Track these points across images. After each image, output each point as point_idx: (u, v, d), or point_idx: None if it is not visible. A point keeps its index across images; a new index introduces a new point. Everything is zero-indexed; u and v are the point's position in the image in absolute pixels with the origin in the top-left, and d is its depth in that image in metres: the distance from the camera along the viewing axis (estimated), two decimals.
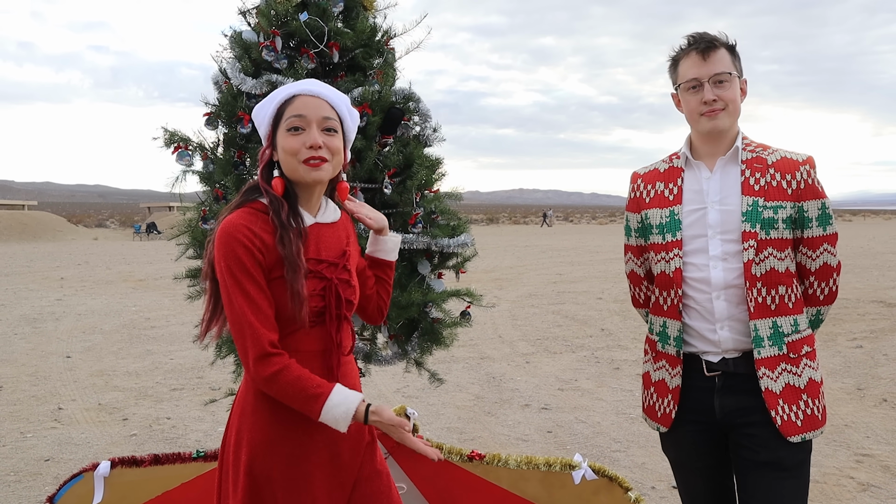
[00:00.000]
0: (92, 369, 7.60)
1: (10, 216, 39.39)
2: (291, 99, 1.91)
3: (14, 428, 5.56)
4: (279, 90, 1.95)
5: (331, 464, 1.93)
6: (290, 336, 1.87)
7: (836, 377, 7.05)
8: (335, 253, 1.97)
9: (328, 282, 1.89)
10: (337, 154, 1.93)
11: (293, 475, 1.88)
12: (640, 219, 2.44)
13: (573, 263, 21.18)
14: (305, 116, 1.88)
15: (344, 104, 1.98)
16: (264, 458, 1.87)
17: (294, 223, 1.86)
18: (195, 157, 3.05)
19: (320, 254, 1.93)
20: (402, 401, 6.15)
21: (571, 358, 8.10)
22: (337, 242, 1.99)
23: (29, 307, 12.31)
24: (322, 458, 1.92)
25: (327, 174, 1.91)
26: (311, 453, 1.90)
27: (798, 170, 2.22)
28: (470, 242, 3.12)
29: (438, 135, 3.17)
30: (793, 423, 2.18)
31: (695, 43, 2.25)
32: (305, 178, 1.88)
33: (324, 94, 1.94)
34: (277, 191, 1.89)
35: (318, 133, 1.88)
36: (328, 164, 1.90)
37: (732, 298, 2.22)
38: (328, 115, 1.91)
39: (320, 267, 1.90)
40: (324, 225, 1.98)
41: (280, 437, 1.87)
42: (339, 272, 1.94)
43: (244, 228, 1.81)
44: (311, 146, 1.86)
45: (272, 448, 1.87)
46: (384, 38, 3.10)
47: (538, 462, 2.99)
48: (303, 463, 1.89)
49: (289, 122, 1.89)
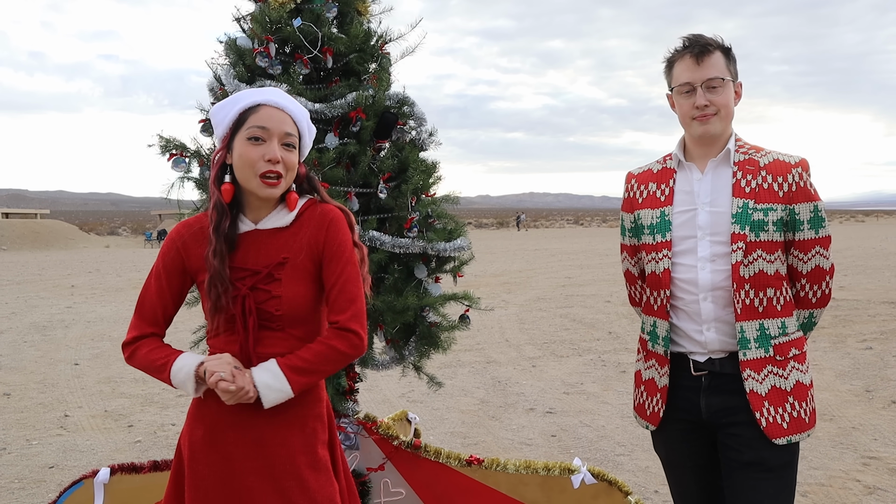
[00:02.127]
0: (99, 376, 7.63)
1: (23, 224, 39.72)
2: (256, 107, 1.91)
3: (20, 435, 5.59)
4: (243, 94, 1.95)
5: (255, 447, 1.91)
6: (215, 338, 1.95)
7: (845, 379, 6.99)
8: (266, 261, 1.92)
9: (238, 291, 1.89)
10: (292, 170, 1.93)
11: (211, 459, 1.92)
12: (634, 219, 2.44)
13: (582, 267, 21.14)
14: (268, 129, 1.88)
15: (305, 119, 1.99)
16: (184, 438, 1.98)
17: (226, 236, 1.90)
18: (192, 164, 3.05)
19: (246, 262, 1.92)
20: (406, 405, 6.14)
21: (578, 361, 8.08)
22: (274, 250, 1.93)
23: (39, 315, 12.39)
24: (242, 442, 1.91)
25: (280, 191, 1.91)
26: (227, 441, 1.91)
27: (790, 172, 2.20)
28: (466, 246, 3.10)
29: (434, 139, 3.16)
30: (778, 426, 2.17)
31: (689, 46, 2.24)
32: (259, 193, 1.90)
33: (288, 108, 1.93)
34: (226, 197, 1.91)
35: (279, 147, 1.88)
36: (283, 180, 1.90)
37: (719, 300, 2.22)
38: (290, 131, 1.91)
39: (241, 276, 1.91)
40: (265, 231, 1.95)
41: (196, 421, 1.95)
42: (261, 281, 1.90)
43: (180, 228, 2.00)
44: (270, 160, 1.86)
45: (191, 429, 1.96)
46: (379, 43, 3.10)
47: (537, 466, 2.98)
48: (218, 447, 1.91)
49: (250, 130, 1.88)
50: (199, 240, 1.95)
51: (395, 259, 3.03)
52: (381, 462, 3.01)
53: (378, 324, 3.02)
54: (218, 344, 1.94)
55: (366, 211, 3.01)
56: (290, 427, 1.94)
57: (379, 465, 3.00)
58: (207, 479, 1.91)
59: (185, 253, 1.97)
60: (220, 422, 1.92)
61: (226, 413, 1.90)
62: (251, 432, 1.91)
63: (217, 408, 1.90)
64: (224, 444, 1.91)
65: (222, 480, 1.91)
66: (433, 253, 3.00)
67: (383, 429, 3.02)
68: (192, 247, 1.96)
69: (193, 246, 1.96)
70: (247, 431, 1.91)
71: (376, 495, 3.01)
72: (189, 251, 1.96)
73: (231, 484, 1.91)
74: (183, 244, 1.97)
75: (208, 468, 1.92)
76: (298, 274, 1.93)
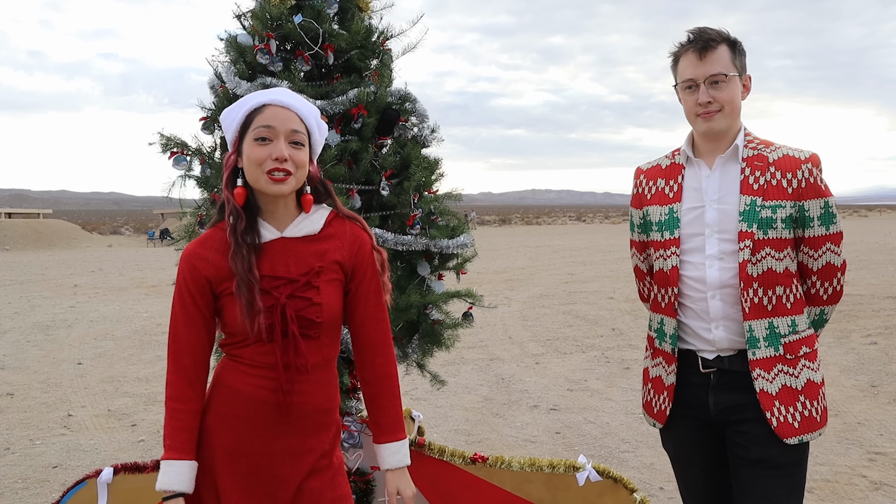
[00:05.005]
0: (102, 375, 7.63)
1: (26, 224, 39.76)
2: (261, 108, 1.89)
3: (24, 435, 5.59)
4: (249, 96, 1.93)
5: (274, 468, 1.91)
6: (245, 347, 1.90)
7: (850, 374, 6.97)
8: (301, 269, 1.91)
9: (276, 300, 1.86)
10: (302, 167, 1.90)
11: (235, 469, 1.90)
12: (642, 215, 2.41)
13: (585, 263, 21.11)
14: (274, 128, 1.86)
15: (313, 117, 1.96)
16: (203, 446, 1.92)
17: (248, 240, 1.86)
18: (193, 162, 3.04)
19: (276, 271, 1.90)
20: (410, 403, 6.13)
21: (581, 358, 8.06)
22: (308, 258, 1.93)
23: (42, 314, 12.40)
24: (269, 451, 1.91)
25: (290, 188, 1.88)
26: (255, 451, 1.90)
27: (800, 168, 2.16)
28: (469, 243, 3.09)
29: (437, 135, 3.14)
30: (790, 425, 2.14)
31: (693, 41, 2.21)
32: (267, 190, 1.87)
33: (294, 106, 1.91)
34: (239, 201, 1.89)
35: (285, 146, 1.86)
36: (292, 177, 1.87)
37: (727, 298, 2.19)
38: (296, 129, 1.89)
39: (274, 284, 1.88)
40: (292, 240, 1.94)
41: (221, 428, 1.91)
42: (299, 289, 1.89)
43: (194, 247, 1.92)
44: (277, 158, 1.84)
45: (211, 436, 1.91)
46: (380, 40, 3.08)
47: (542, 464, 2.97)
48: (243, 458, 1.90)
49: (256, 131, 1.87)
50: (219, 250, 1.90)
51: (397, 256, 3.02)
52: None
53: None
54: (248, 354, 1.89)
55: (368, 208, 3.00)
56: (318, 433, 1.96)
57: None
58: (231, 490, 1.89)
59: (205, 265, 1.89)
60: (248, 430, 1.90)
61: (253, 421, 1.89)
62: (279, 441, 1.91)
63: (244, 415, 1.89)
64: (251, 453, 1.90)
65: (248, 488, 1.90)
66: (436, 250, 2.99)
67: None
68: (212, 258, 1.90)
69: (215, 257, 1.89)
70: (274, 440, 1.91)
71: (380, 493, 3.00)
72: (209, 263, 1.90)
73: (256, 491, 1.91)
74: (200, 259, 1.90)
75: (233, 478, 1.90)
76: (333, 282, 1.95)
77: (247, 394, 1.89)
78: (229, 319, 1.89)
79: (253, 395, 1.88)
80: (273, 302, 1.86)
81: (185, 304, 1.90)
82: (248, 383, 1.89)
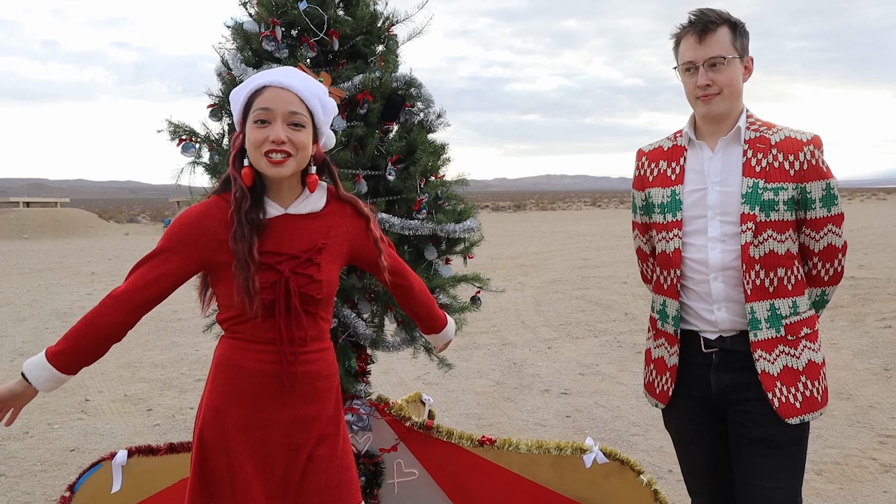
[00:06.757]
0: (119, 361, 7.73)
1: (44, 213, 40.09)
2: (262, 89, 1.91)
3: (42, 419, 5.69)
4: (253, 77, 1.95)
5: (286, 436, 1.96)
6: (245, 323, 1.93)
7: (864, 357, 6.94)
8: (303, 246, 1.95)
9: (280, 275, 1.89)
10: (303, 149, 1.91)
11: (250, 443, 1.94)
12: (644, 197, 2.42)
13: (599, 248, 21.05)
14: (272, 110, 1.87)
15: (315, 97, 1.95)
16: (213, 425, 1.95)
17: (252, 219, 1.88)
18: (203, 149, 3.07)
19: (281, 247, 1.93)
20: (421, 388, 6.18)
21: (594, 343, 8.07)
22: (311, 235, 1.97)
23: (60, 302, 12.54)
24: (279, 421, 1.95)
25: (289, 170, 1.90)
26: (266, 423, 1.94)
27: (802, 150, 2.17)
28: (476, 227, 3.10)
29: (443, 120, 3.15)
30: (791, 405, 2.16)
31: (693, 23, 2.21)
32: (266, 172, 1.89)
33: (293, 87, 1.91)
34: (246, 181, 1.91)
35: (283, 128, 1.87)
36: (292, 159, 1.89)
37: (730, 280, 2.20)
38: (295, 110, 1.89)
39: (277, 260, 1.91)
40: (296, 216, 1.97)
41: (230, 406, 1.94)
42: (301, 265, 1.93)
43: (197, 212, 1.93)
44: (274, 141, 1.85)
45: (221, 415, 1.94)
46: (385, 25, 3.09)
47: (549, 446, 2.99)
48: (256, 432, 1.94)
49: (256, 113, 1.89)
50: (223, 221, 1.91)
51: (404, 241, 3.04)
52: (394, 443, 3.03)
53: (388, 305, 3.03)
54: (248, 329, 1.93)
55: (374, 193, 3.02)
56: (321, 399, 2.01)
57: (392, 446, 3.03)
58: (246, 464, 1.94)
59: (204, 233, 1.91)
60: (257, 405, 1.94)
61: (260, 395, 1.94)
62: (286, 411, 1.96)
63: (251, 390, 1.94)
64: (263, 425, 1.94)
65: (263, 460, 1.95)
66: (443, 234, 3.00)
67: (395, 410, 3.04)
68: (216, 229, 1.91)
69: (219, 228, 1.90)
70: (282, 410, 1.95)
71: (389, 475, 3.04)
72: (211, 233, 1.91)
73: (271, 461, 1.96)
74: (201, 226, 1.91)
75: (249, 451, 1.94)
76: (333, 259, 2.01)
77: (251, 369, 1.93)
78: (226, 293, 1.92)
79: (257, 369, 1.93)
80: (276, 277, 1.89)
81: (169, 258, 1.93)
82: (252, 359, 1.93)
